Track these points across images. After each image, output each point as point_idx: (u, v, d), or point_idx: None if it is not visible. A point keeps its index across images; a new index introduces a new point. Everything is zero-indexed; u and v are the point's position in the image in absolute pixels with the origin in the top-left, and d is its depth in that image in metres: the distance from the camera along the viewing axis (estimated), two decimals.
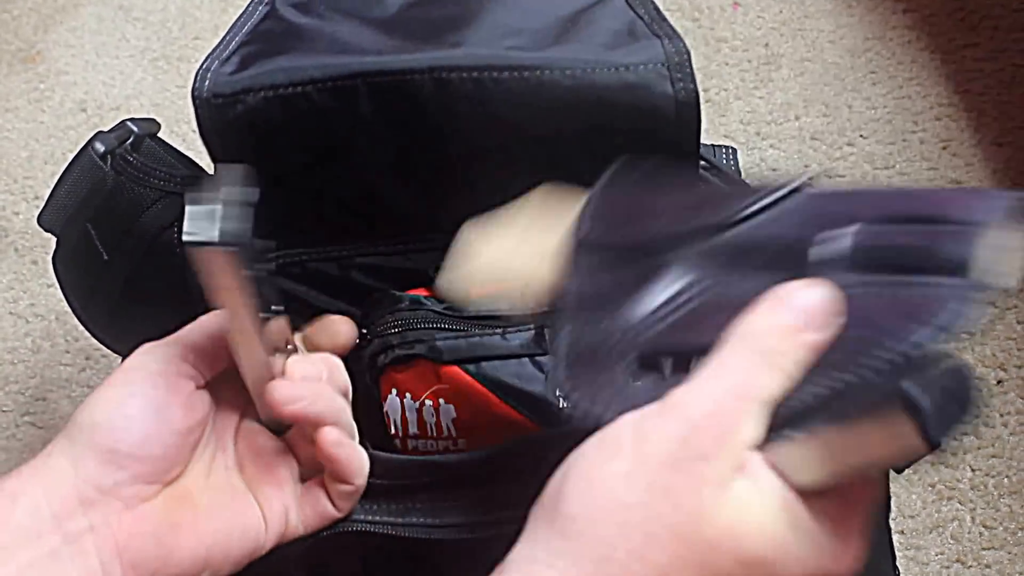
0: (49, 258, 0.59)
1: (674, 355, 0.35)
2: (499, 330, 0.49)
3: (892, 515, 0.58)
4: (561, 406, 0.48)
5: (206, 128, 0.49)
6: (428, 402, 0.53)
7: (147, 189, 0.54)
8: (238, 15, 0.56)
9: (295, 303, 0.53)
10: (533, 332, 0.48)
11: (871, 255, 0.34)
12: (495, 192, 0.51)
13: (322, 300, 0.53)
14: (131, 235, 0.55)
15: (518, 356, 0.49)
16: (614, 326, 0.37)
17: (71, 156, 0.56)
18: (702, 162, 0.53)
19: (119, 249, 0.56)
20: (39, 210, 0.57)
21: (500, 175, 0.50)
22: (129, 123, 0.57)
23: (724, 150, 0.57)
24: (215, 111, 0.49)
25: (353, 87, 0.48)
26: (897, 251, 0.33)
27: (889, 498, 0.57)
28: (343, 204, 0.52)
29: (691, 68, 0.47)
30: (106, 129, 0.57)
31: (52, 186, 0.56)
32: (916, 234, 0.33)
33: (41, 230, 0.57)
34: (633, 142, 0.48)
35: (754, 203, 0.38)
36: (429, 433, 0.53)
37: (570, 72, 0.47)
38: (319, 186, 0.51)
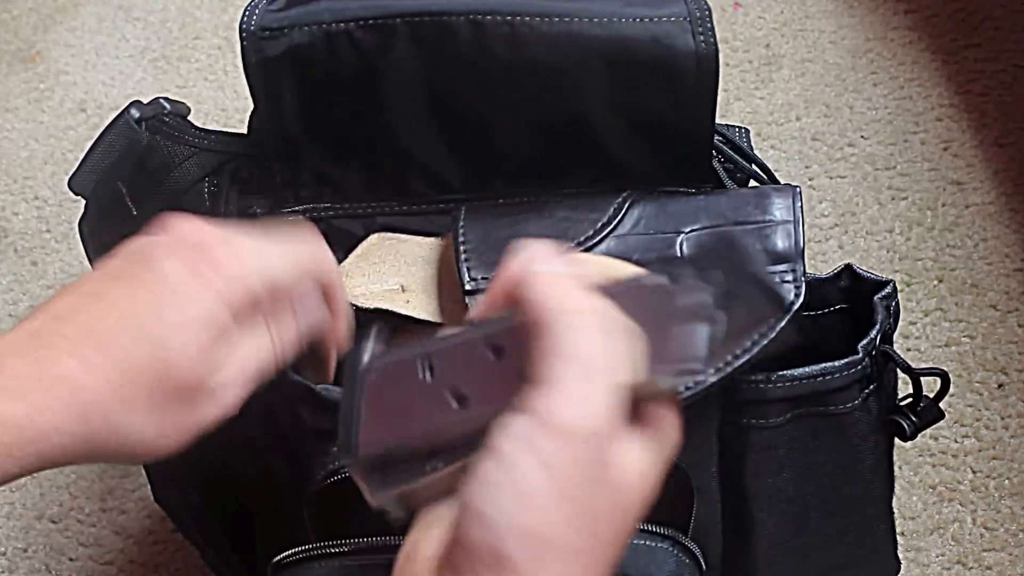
0: (49, 259, 0.59)
1: None
2: None
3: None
4: None
5: (250, 62, 0.52)
6: None
7: (182, 146, 0.57)
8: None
9: None
10: None
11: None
12: (518, 153, 0.54)
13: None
14: (162, 189, 0.57)
15: None
16: None
17: (71, 156, 0.56)
18: (718, 137, 0.55)
19: (148, 203, 0.58)
20: (39, 210, 0.57)
21: (527, 128, 0.53)
22: (162, 100, 0.59)
23: (738, 130, 0.59)
24: (261, 45, 0.52)
25: (393, 26, 0.51)
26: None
27: (892, 494, 0.57)
28: (374, 156, 0.55)
29: (711, 24, 0.50)
30: None
31: (54, 184, 0.56)
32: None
33: (41, 231, 0.57)
34: (655, 96, 0.51)
35: None
36: None
37: (598, 20, 0.50)
38: (354, 133, 0.54)
